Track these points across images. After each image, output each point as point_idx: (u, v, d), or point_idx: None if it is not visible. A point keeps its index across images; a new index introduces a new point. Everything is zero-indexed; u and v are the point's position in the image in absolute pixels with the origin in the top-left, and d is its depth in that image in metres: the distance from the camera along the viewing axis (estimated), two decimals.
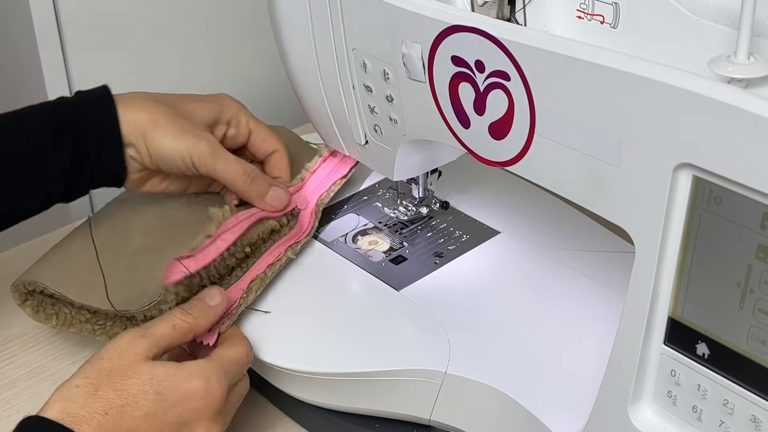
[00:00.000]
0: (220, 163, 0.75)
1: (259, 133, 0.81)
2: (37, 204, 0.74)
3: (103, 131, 0.73)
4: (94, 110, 0.74)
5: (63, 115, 0.73)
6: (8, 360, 0.82)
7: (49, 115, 0.73)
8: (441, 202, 0.87)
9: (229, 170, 0.76)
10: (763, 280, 0.50)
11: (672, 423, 0.57)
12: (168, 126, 0.74)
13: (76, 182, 0.74)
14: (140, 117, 0.74)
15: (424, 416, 0.72)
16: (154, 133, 0.74)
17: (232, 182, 0.76)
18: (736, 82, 0.51)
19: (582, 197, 0.58)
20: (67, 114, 0.73)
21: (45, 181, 0.73)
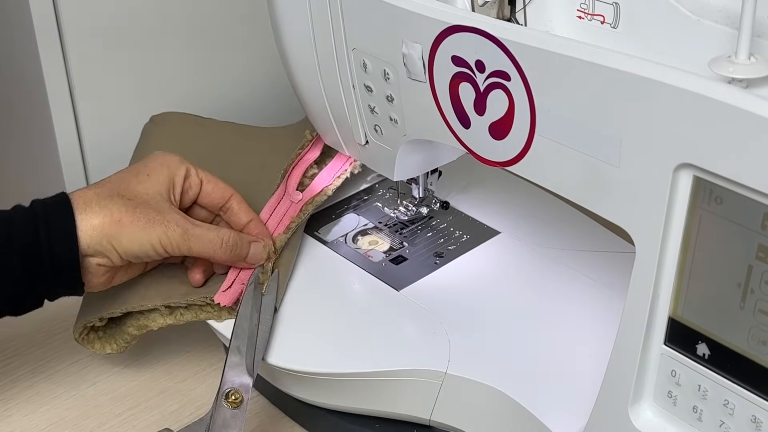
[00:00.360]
0: (194, 242, 0.72)
1: (210, 182, 0.77)
2: None
3: (58, 250, 0.68)
4: (49, 227, 0.68)
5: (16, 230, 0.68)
6: (8, 360, 0.82)
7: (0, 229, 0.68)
8: (441, 202, 0.87)
9: (205, 247, 0.72)
10: (764, 281, 0.49)
11: (672, 423, 0.57)
12: (132, 222, 0.70)
13: (27, 301, 0.70)
14: (99, 222, 0.69)
15: (424, 416, 0.72)
16: (120, 232, 0.69)
17: (210, 256, 0.73)
18: (736, 82, 0.51)
19: (582, 197, 0.58)
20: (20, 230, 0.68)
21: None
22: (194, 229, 0.72)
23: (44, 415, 0.77)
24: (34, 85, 1.01)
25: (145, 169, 0.74)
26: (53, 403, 0.78)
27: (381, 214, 0.87)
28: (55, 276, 0.69)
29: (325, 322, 0.75)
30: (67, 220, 0.68)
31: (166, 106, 1.07)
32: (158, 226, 0.70)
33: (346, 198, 0.89)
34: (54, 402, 0.78)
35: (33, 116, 1.05)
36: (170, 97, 1.09)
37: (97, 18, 1.00)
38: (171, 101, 1.08)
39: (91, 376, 0.80)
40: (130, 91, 1.06)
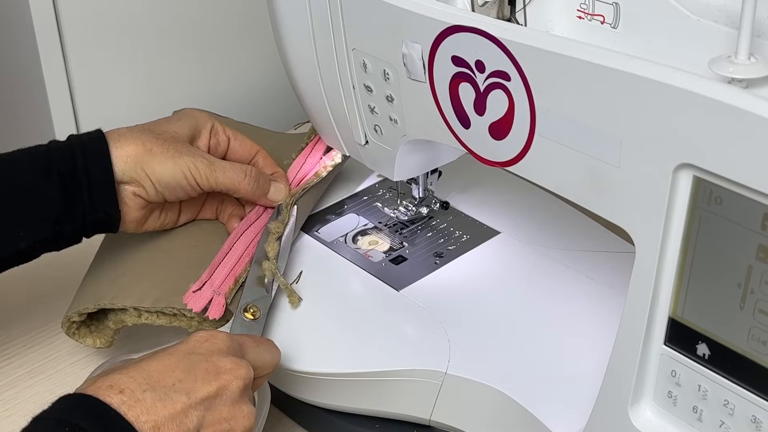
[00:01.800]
0: (221, 173, 0.76)
1: (237, 138, 0.82)
2: (25, 251, 0.72)
3: (96, 174, 0.72)
4: (86, 153, 0.72)
5: (53, 159, 0.72)
6: (8, 360, 0.82)
7: (40, 159, 0.72)
8: (441, 202, 0.87)
9: (230, 177, 0.77)
10: (764, 281, 0.49)
11: (672, 423, 0.57)
12: (163, 151, 0.74)
13: (67, 230, 0.72)
14: (133, 150, 0.73)
15: (424, 416, 0.72)
16: (152, 160, 0.73)
17: (235, 187, 0.77)
18: (736, 82, 0.51)
19: (582, 197, 0.58)
20: (59, 159, 0.72)
21: (34, 227, 0.71)
22: (219, 162, 0.77)
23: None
24: (34, 85, 1.02)
25: (174, 117, 0.79)
26: None
27: (381, 214, 0.87)
28: (93, 200, 0.72)
29: (325, 322, 0.75)
30: (102, 147, 0.72)
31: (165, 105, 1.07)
32: (186, 156, 0.75)
33: (346, 198, 0.89)
34: None
35: (33, 116, 1.05)
36: (170, 96, 1.09)
37: (97, 18, 1.00)
38: (171, 101, 1.08)
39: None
40: (129, 91, 1.06)
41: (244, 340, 0.64)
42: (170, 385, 0.58)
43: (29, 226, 0.71)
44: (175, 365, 0.59)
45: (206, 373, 0.59)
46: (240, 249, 0.78)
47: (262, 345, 0.66)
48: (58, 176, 0.71)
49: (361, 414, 0.74)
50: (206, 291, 0.74)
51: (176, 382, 0.58)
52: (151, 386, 0.57)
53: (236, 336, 0.64)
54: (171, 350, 0.61)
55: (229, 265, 0.76)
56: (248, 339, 0.65)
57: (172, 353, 0.60)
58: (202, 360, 0.60)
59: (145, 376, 0.58)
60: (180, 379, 0.58)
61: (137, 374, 0.58)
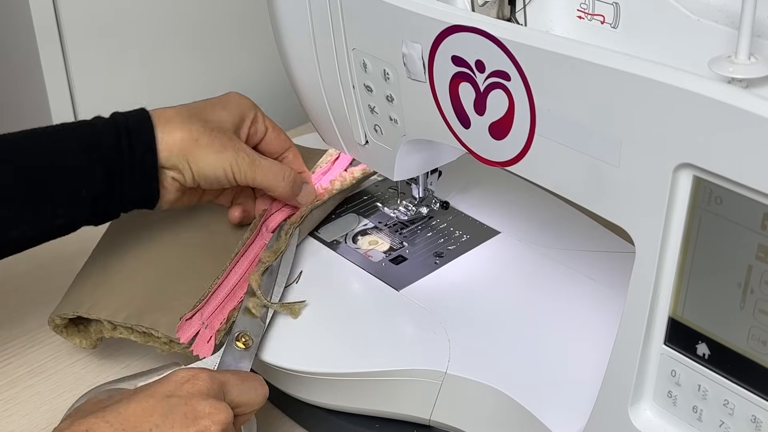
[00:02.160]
0: (260, 172, 0.77)
1: (275, 131, 0.82)
2: (64, 226, 0.73)
3: (139, 158, 0.73)
4: (131, 135, 0.73)
5: (99, 137, 0.72)
6: (8, 360, 0.82)
7: (84, 136, 0.73)
8: (441, 202, 0.87)
9: (268, 177, 0.77)
10: (764, 281, 0.49)
11: (672, 423, 0.57)
12: (209, 143, 0.74)
13: (106, 207, 0.73)
14: (180, 137, 0.73)
15: (424, 416, 0.72)
16: (197, 151, 0.74)
17: (270, 187, 0.78)
18: (736, 82, 0.51)
19: (582, 197, 0.58)
20: (103, 137, 0.72)
21: (74, 204, 0.72)
22: (261, 160, 0.77)
23: (44, 415, 0.77)
24: (33, 84, 1.02)
25: (220, 103, 0.79)
26: (53, 403, 0.78)
27: (381, 214, 0.87)
28: (134, 182, 0.73)
29: (325, 322, 0.74)
30: (149, 133, 0.73)
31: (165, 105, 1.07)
32: (230, 152, 0.75)
33: (346, 198, 0.89)
34: (54, 402, 0.78)
35: (33, 115, 1.05)
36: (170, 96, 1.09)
37: (97, 18, 1.00)
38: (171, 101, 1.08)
39: (91, 376, 0.80)
40: (129, 91, 1.06)
41: (227, 378, 0.63)
42: (146, 430, 0.57)
43: (69, 203, 0.72)
44: (153, 409, 0.58)
45: (184, 418, 0.58)
46: (233, 279, 0.76)
47: (248, 382, 0.65)
48: (102, 157, 0.71)
49: (361, 414, 0.74)
50: (195, 321, 0.73)
51: (153, 428, 0.57)
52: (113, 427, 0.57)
53: (219, 375, 0.63)
54: (151, 391, 0.60)
55: (221, 295, 0.75)
56: (232, 377, 0.64)
57: (151, 395, 0.59)
58: (182, 404, 0.59)
59: (121, 420, 0.57)
60: (157, 424, 0.58)
61: (114, 418, 0.57)
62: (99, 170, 0.71)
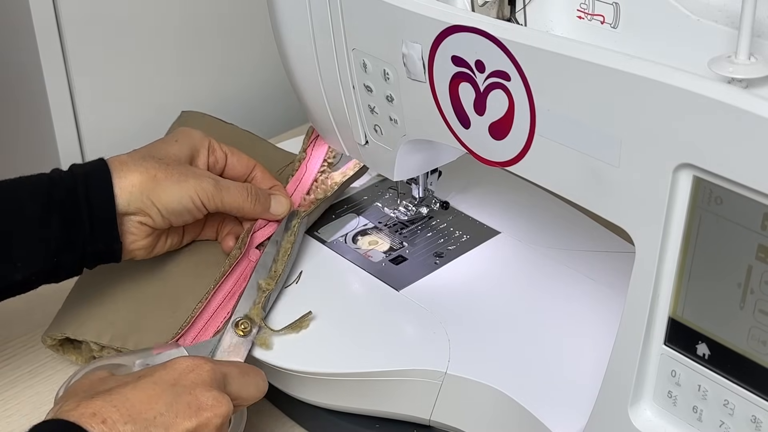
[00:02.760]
0: (226, 194, 0.76)
1: (234, 155, 0.81)
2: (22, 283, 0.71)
3: (98, 207, 0.71)
4: (87, 184, 0.71)
5: (55, 186, 0.71)
6: (8, 360, 0.82)
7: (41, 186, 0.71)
8: (441, 202, 0.87)
9: (235, 197, 0.77)
10: (764, 281, 0.49)
11: (672, 423, 0.57)
12: (167, 176, 0.73)
13: (66, 260, 0.71)
14: (138, 178, 0.72)
15: (424, 416, 0.72)
16: (157, 188, 0.72)
17: (239, 207, 0.77)
18: (736, 82, 0.51)
19: (582, 197, 0.58)
20: (60, 186, 0.71)
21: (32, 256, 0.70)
22: (225, 182, 0.77)
23: (44, 415, 0.76)
24: (34, 85, 1.02)
25: (173, 137, 0.78)
26: (53, 403, 0.78)
27: (381, 214, 0.87)
28: (94, 233, 0.71)
29: (325, 322, 0.74)
30: (105, 178, 0.71)
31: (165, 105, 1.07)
32: (191, 179, 0.74)
33: (346, 198, 0.89)
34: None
35: (33, 116, 1.05)
36: (170, 96, 1.09)
37: (97, 18, 1.00)
38: (171, 101, 1.08)
39: None
40: (129, 91, 1.06)
41: (229, 370, 0.64)
42: (151, 418, 0.58)
43: (27, 256, 0.70)
44: (158, 396, 0.59)
45: (188, 408, 0.59)
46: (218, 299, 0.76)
47: (249, 376, 0.65)
48: (58, 208, 0.70)
49: (361, 414, 0.74)
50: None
51: (157, 416, 0.58)
52: (132, 418, 0.57)
53: (222, 366, 0.64)
54: (156, 378, 0.60)
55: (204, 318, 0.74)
56: (234, 369, 0.64)
57: (156, 382, 0.60)
58: (185, 393, 0.60)
59: (128, 406, 0.58)
60: (161, 412, 0.58)
61: (120, 404, 0.58)
62: (57, 224, 0.70)
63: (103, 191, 0.71)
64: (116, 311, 0.76)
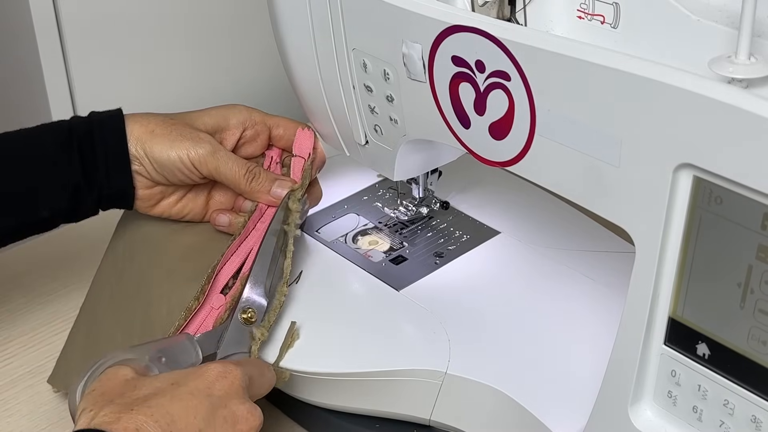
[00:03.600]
0: (222, 163, 0.76)
1: (279, 126, 0.81)
2: (44, 219, 0.75)
3: (111, 146, 0.75)
4: (103, 126, 0.75)
5: (73, 130, 0.74)
6: (8, 360, 0.82)
7: (61, 131, 0.75)
8: (441, 202, 0.87)
9: (231, 169, 0.77)
10: (764, 281, 0.49)
11: (672, 423, 0.57)
12: (164, 134, 0.75)
13: (84, 197, 0.75)
14: (138, 129, 0.75)
15: (424, 416, 0.72)
16: (152, 141, 0.75)
17: (234, 181, 0.77)
18: (736, 82, 0.51)
19: (582, 197, 0.58)
20: (78, 130, 0.75)
21: (52, 196, 0.74)
22: (224, 151, 0.77)
23: (44, 415, 0.77)
24: (34, 85, 1.02)
25: (209, 108, 0.80)
26: (53, 403, 0.78)
27: (381, 214, 0.87)
28: (108, 172, 0.74)
29: (325, 322, 0.74)
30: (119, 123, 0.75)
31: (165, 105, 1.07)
32: (187, 141, 0.75)
33: (346, 198, 0.89)
34: (54, 402, 0.78)
35: (33, 116, 1.05)
36: (170, 96, 1.09)
37: (97, 18, 1.00)
38: (171, 101, 1.08)
39: None
40: (129, 91, 1.06)
41: (252, 372, 0.65)
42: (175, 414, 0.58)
43: (49, 195, 0.74)
44: (196, 409, 0.59)
45: (224, 422, 0.60)
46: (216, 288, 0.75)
47: (264, 375, 0.67)
48: (78, 148, 0.74)
49: (361, 414, 0.74)
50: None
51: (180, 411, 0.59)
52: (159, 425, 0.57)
53: (246, 367, 0.64)
54: (191, 388, 0.61)
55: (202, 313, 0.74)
56: (255, 370, 0.66)
57: (193, 393, 0.60)
58: (221, 406, 0.60)
59: (168, 421, 0.58)
60: (201, 428, 0.59)
61: (161, 418, 0.58)
62: (77, 162, 0.74)
63: (117, 134, 0.75)
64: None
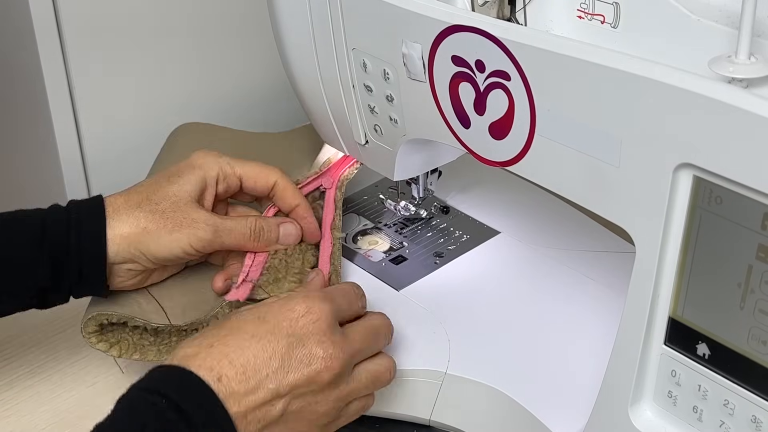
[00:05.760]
0: (226, 237, 0.73)
1: (251, 177, 0.76)
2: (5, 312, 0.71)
3: (87, 250, 0.70)
4: (80, 228, 0.70)
5: (47, 230, 0.69)
6: (8, 360, 0.82)
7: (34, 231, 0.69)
8: (441, 206, 0.87)
9: (235, 240, 0.74)
10: (764, 281, 0.49)
11: (672, 423, 0.57)
12: (158, 228, 0.71)
13: (50, 298, 0.71)
14: (127, 230, 0.70)
15: (424, 416, 0.72)
16: (148, 241, 0.70)
17: (241, 246, 0.75)
18: (736, 82, 0.51)
19: (582, 197, 0.58)
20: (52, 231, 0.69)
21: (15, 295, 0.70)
22: (224, 224, 0.73)
23: (44, 415, 0.77)
24: (34, 85, 1.01)
25: (177, 170, 0.74)
26: (53, 403, 0.78)
27: (381, 214, 0.87)
28: (81, 277, 0.70)
29: None
30: (99, 226, 0.70)
31: (165, 105, 1.07)
32: (185, 229, 0.71)
33: (346, 198, 0.89)
34: (54, 402, 0.78)
35: (33, 116, 1.05)
36: (170, 96, 1.09)
37: (97, 18, 1.00)
38: (171, 101, 1.08)
39: (91, 376, 0.80)
40: (129, 92, 1.06)
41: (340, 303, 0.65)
42: (264, 376, 0.59)
43: (14, 294, 0.70)
44: (274, 349, 0.60)
45: (299, 362, 0.61)
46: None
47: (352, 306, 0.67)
48: (49, 251, 0.69)
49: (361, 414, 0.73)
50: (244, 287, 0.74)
51: (270, 373, 0.60)
52: (246, 377, 0.59)
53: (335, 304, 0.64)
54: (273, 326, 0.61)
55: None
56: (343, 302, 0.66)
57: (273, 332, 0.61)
58: (300, 345, 0.61)
59: (243, 362, 0.59)
60: (274, 369, 0.60)
61: (236, 358, 0.59)
62: (47, 268, 0.69)
63: (95, 243, 0.70)
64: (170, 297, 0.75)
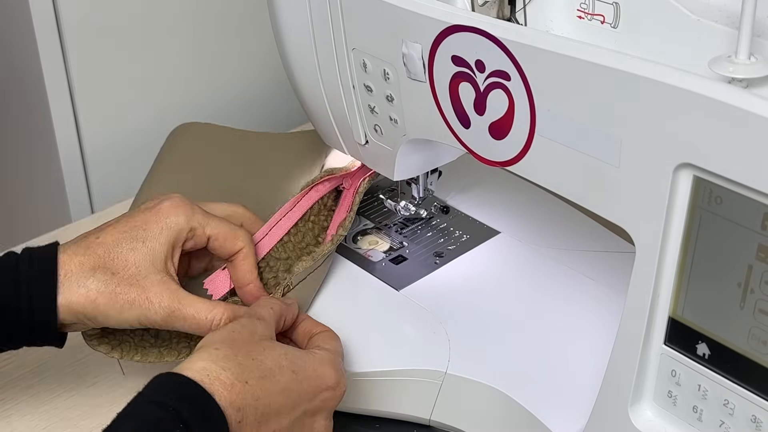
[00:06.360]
0: (178, 324, 0.68)
1: (218, 239, 0.72)
2: None
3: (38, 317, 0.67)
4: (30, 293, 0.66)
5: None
6: (8, 360, 0.82)
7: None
8: (441, 206, 0.87)
9: (189, 328, 0.68)
10: (764, 281, 0.49)
11: (672, 423, 0.57)
12: (109, 304, 0.67)
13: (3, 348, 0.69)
14: (76, 301, 0.66)
15: (424, 416, 0.72)
16: (96, 314, 0.67)
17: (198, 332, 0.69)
18: (736, 82, 0.51)
19: (582, 197, 0.58)
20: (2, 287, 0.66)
21: None
22: (181, 310, 0.67)
23: (44, 415, 0.77)
24: (34, 85, 1.02)
25: (144, 228, 0.69)
26: (53, 403, 0.78)
27: (381, 214, 0.87)
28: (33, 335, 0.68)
29: (324, 322, 0.74)
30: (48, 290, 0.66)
31: (165, 105, 1.07)
32: (136, 309, 0.67)
33: None
34: (54, 402, 0.78)
35: (33, 116, 1.05)
36: (170, 96, 1.09)
37: (97, 18, 1.00)
38: (171, 101, 1.08)
39: (91, 376, 0.80)
40: (129, 91, 1.06)
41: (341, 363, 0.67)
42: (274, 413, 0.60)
43: None
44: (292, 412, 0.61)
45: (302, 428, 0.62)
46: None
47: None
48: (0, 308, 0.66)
49: (361, 414, 0.73)
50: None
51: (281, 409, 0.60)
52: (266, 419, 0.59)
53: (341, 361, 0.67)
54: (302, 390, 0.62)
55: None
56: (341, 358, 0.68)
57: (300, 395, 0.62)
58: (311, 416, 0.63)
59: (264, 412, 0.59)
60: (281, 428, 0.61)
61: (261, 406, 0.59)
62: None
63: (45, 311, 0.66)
64: None
